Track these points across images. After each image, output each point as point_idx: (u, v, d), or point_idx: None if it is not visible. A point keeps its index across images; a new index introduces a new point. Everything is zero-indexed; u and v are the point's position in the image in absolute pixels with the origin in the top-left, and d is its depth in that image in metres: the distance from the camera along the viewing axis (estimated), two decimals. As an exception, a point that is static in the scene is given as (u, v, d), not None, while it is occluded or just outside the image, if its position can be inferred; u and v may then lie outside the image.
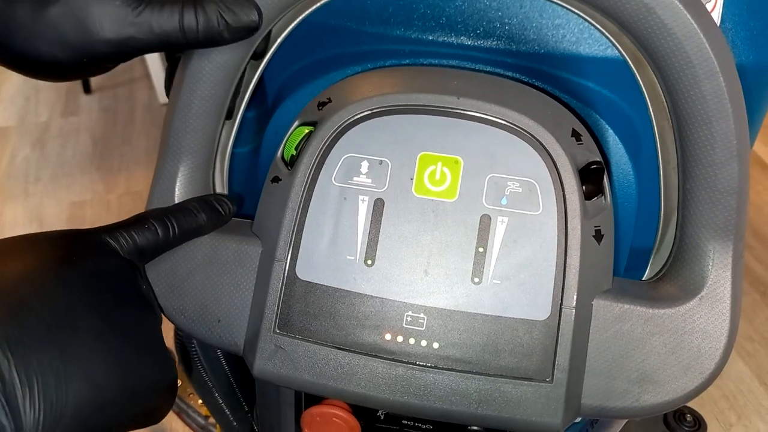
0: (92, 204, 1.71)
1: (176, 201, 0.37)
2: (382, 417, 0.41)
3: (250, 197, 0.43)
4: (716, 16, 0.38)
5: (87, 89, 2.10)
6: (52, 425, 0.25)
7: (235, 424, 0.67)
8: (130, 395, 0.29)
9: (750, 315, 1.44)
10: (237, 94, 0.39)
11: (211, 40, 0.33)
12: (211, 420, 0.84)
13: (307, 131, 0.36)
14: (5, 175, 1.82)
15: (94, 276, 0.30)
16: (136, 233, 0.34)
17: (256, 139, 0.49)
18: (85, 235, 0.33)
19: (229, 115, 0.39)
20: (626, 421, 0.71)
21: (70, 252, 0.31)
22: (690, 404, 0.93)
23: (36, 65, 0.31)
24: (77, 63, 0.31)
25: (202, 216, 0.37)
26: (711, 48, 0.30)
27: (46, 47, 0.30)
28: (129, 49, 0.31)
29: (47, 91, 2.15)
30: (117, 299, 0.31)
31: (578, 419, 0.61)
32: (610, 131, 0.43)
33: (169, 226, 0.35)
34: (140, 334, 0.31)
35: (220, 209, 0.38)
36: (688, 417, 0.90)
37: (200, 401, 0.82)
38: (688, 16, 0.30)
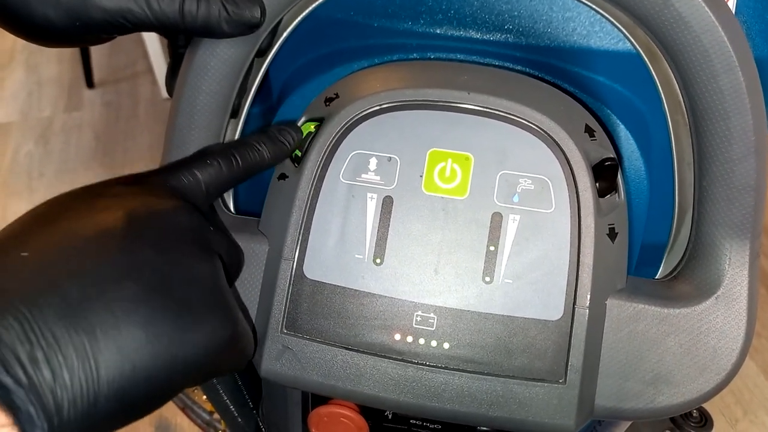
0: (96, 199, 1.71)
1: None
2: (390, 417, 0.41)
3: (255, 194, 0.43)
4: (731, 7, 0.37)
5: (90, 84, 2.10)
6: (87, 407, 0.24)
7: (240, 420, 0.67)
8: (176, 361, 0.27)
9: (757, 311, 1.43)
10: (242, 91, 0.38)
11: (209, 30, 0.32)
12: (216, 416, 0.83)
13: (312, 128, 0.36)
14: (9, 171, 1.82)
15: (138, 228, 0.28)
16: (199, 171, 0.32)
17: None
18: (137, 179, 0.31)
19: (235, 113, 0.38)
20: (634, 418, 0.71)
21: (110, 205, 0.28)
22: (697, 400, 0.92)
23: (29, 25, 0.31)
24: (70, 27, 0.31)
25: (264, 149, 0.35)
26: (729, 41, 0.30)
27: (41, 7, 0.30)
28: (124, 22, 0.31)
29: (50, 86, 2.15)
30: (165, 251, 0.28)
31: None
32: (622, 126, 0.42)
33: (232, 160, 0.33)
34: (191, 289, 0.28)
35: (283, 140, 0.36)
36: (694, 413, 0.90)
37: (205, 397, 0.81)
38: (706, 8, 0.29)
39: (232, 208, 0.41)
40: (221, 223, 0.36)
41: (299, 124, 0.37)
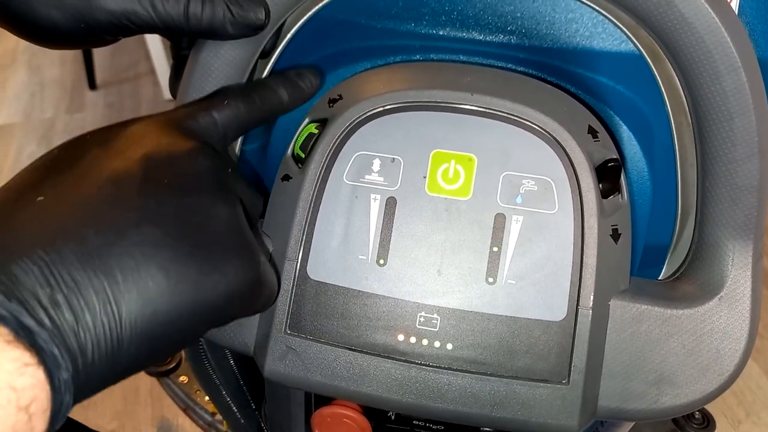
0: (98, 200, 1.71)
1: None
2: (393, 417, 0.41)
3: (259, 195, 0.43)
4: (734, 8, 0.37)
5: (92, 85, 2.10)
6: (110, 349, 0.24)
7: (242, 421, 0.67)
8: (199, 304, 0.26)
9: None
10: None
11: (214, 31, 0.32)
12: (218, 417, 0.83)
13: (313, 128, 0.36)
14: (11, 172, 1.83)
15: (156, 171, 0.27)
16: (216, 111, 0.32)
17: (264, 135, 0.49)
18: (152, 121, 0.30)
19: None
20: (637, 419, 0.71)
21: (126, 148, 0.28)
22: (699, 401, 0.92)
23: (33, 27, 0.31)
24: (74, 29, 0.31)
25: (282, 91, 0.34)
26: (732, 42, 0.30)
27: (45, 9, 0.30)
28: (128, 23, 0.31)
29: (52, 87, 2.15)
30: (184, 194, 0.27)
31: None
32: (624, 127, 0.42)
33: (251, 100, 0.33)
34: (212, 233, 0.27)
35: (302, 84, 0.36)
36: (697, 414, 0.90)
37: (207, 398, 0.82)
38: (709, 9, 0.29)
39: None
40: (238, 167, 0.35)
41: (303, 125, 0.37)
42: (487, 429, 0.39)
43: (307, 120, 0.37)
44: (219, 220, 0.28)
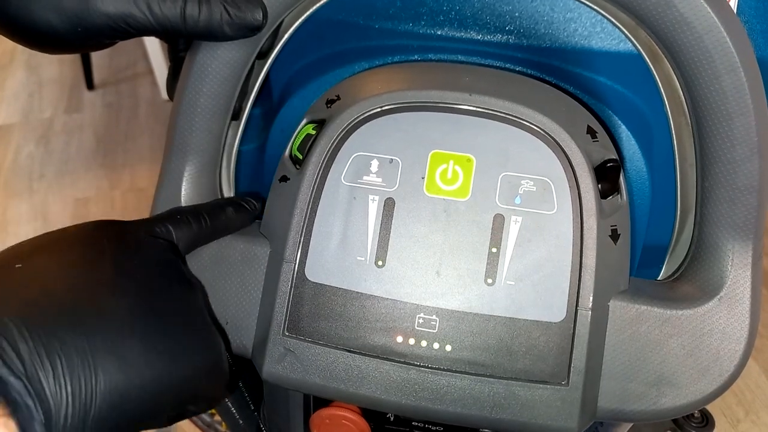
0: (96, 201, 1.71)
1: (183, 200, 0.37)
2: (392, 419, 0.41)
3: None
4: (733, 8, 0.37)
5: (90, 85, 2.10)
6: (82, 408, 0.25)
7: (241, 422, 0.67)
8: (168, 378, 0.28)
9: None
10: (244, 93, 0.38)
11: (212, 33, 0.32)
12: (217, 418, 0.83)
13: (311, 129, 0.36)
14: (9, 172, 1.82)
15: (126, 258, 0.29)
16: (172, 225, 0.34)
17: (261, 136, 0.48)
18: (118, 222, 0.32)
19: (236, 115, 0.38)
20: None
21: (98, 236, 0.30)
22: (698, 400, 0.92)
23: (31, 32, 0.31)
24: (72, 33, 0.31)
25: (230, 212, 0.37)
26: (732, 42, 0.30)
27: (42, 13, 0.30)
28: (127, 27, 0.31)
29: (50, 87, 2.15)
30: (152, 278, 0.30)
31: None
32: (623, 127, 0.42)
33: (202, 221, 0.35)
34: (178, 314, 0.30)
35: (247, 207, 0.38)
36: (696, 413, 0.90)
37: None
38: (709, 9, 0.29)
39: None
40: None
41: (301, 126, 0.37)
42: (487, 431, 0.39)
43: (305, 121, 0.37)
44: (185, 304, 0.30)
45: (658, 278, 0.38)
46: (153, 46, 1.91)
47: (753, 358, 1.34)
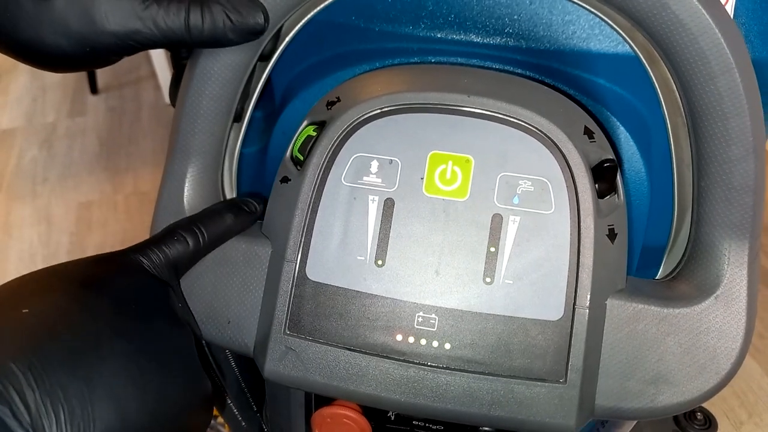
0: (99, 204, 1.72)
1: (185, 202, 0.37)
2: (393, 418, 0.41)
3: (258, 197, 0.43)
4: (729, 10, 0.37)
5: (93, 89, 2.11)
6: None
7: (243, 424, 0.67)
8: (161, 417, 0.29)
9: (760, 311, 1.42)
10: (246, 96, 0.39)
11: (216, 40, 0.33)
12: (220, 420, 0.84)
13: (312, 131, 0.36)
14: (13, 176, 1.83)
15: (121, 299, 0.30)
16: (167, 247, 0.34)
17: (263, 138, 0.49)
18: (113, 258, 0.33)
19: (238, 118, 0.39)
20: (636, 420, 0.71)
21: (96, 277, 0.31)
22: (700, 402, 0.92)
23: (41, 55, 0.31)
24: (81, 54, 0.31)
25: (229, 218, 0.37)
26: (726, 43, 0.30)
27: (51, 36, 0.30)
28: (134, 43, 0.31)
29: (54, 91, 2.16)
30: (146, 320, 0.30)
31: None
32: (622, 128, 0.42)
33: (198, 234, 0.35)
34: (170, 354, 0.31)
35: (247, 209, 0.38)
36: (699, 415, 0.90)
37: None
38: (703, 11, 0.30)
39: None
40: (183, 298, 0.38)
41: (302, 127, 0.38)
42: (487, 429, 0.39)
43: (305, 122, 0.38)
44: (177, 344, 0.31)
45: (656, 277, 0.38)
46: (155, 50, 1.92)
47: (756, 360, 1.33)
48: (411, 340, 0.34)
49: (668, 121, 0.36)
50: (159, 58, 1.95)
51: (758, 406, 1.26)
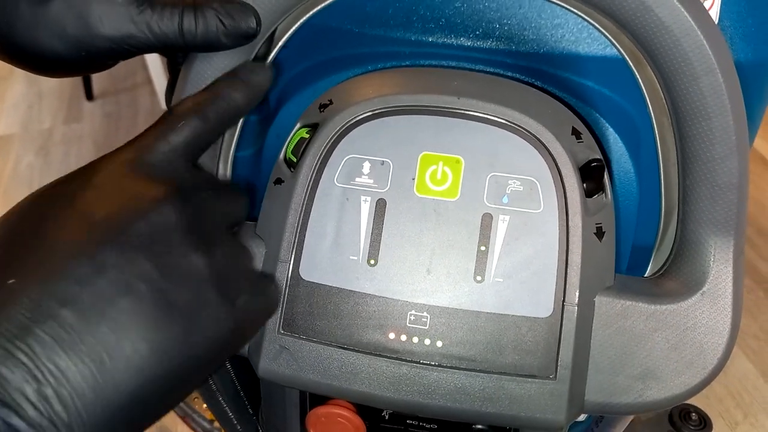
0: (96, 210, 1.72)
1: None
2: (387, 417, 0.41)
3: (253, 200, 0.44)
4: (714, 13, 0.38)
5: (89, 96, 2.11)
6: (105, 428, 0.24)
7: (239, 428, 0.67)
8: (185, 365, 0.27)
9: (755, 312, 1.43)
10: None
11: (210, 45, 0.33)
12: (216, 424, 0.84)
13: (304, 133, 0.37)
14: (9, 182, 1.83)
15: (131, 236, 0.27)
16: (175, 135, 0.30)
17: (258, 141, 0.49)
18: (118, 164, 0.29)
19: None
20: (631, 419, 0.71)
21: (98, 209, 0.27)
22: (695, 403, 0.93)
23: (36, 59, 0.32)
24: (77, 57, 0.32)
25: (236, 95, 0.33)
26: (709, 44, 0.31)
27: (47, 40, 0.31)
28: (128, 47, 0.32)
29: (50, 98, 2.16)
30: (159, 257, 0.27)
31: (583, 418, 0.61)
32: (611, 130, 0.43)
33: (206, 115, 0.32)
34: (188, 291, 0.27)
35: (256, 79, 0.34)
36: (694, 416, 0.90)
37: (205, 405, 0.82)
38: (686, 13, 0.30)
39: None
40: (210, 177, 0.33)
41: (295, 130, 0.38)
42: (480, 426, 0.40)
43: (298, 125, 0.38)
44: (195, 278, 0.28)
45: (645, 275, 0.39)
46: (152, 56, 1.93)
47: (751, 360, 1.34)
48: (403, 338, 0.34)
49: (654, 122, 0.37)
50: (155, 63, 1.96)
51: (753, 407, 1.27)
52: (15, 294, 0.24)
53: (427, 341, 0.34)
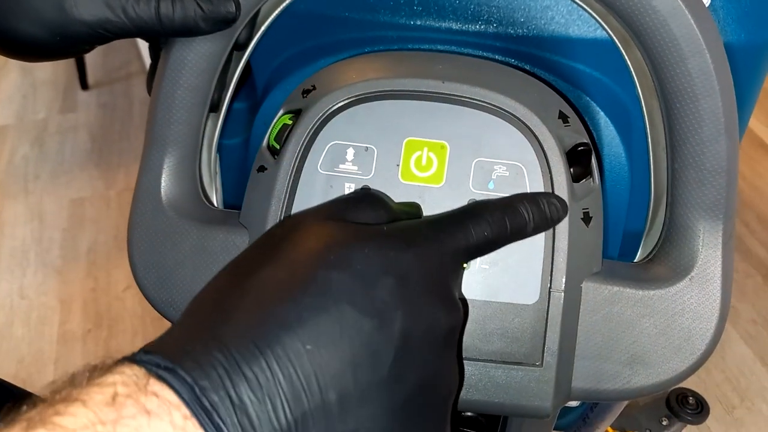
0: (92, 201, 1.71)
1: (163, 193, 0.37)
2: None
3: (242, 188, 0.43)
4: (706, -8, 0.37)
5: (84, 86, 2.10)
6: None
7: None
8: None
9: (753, 298, 1.43)
10: (222, 85, 0.38)
11: (188, 29, 0.33)
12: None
13: (287, 119, 0.36)
14: (4, 173, 1.83)
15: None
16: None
17: (246, 130, 0.49)
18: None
19: (215, 108, 0.39)
20: (626, 404, 0.71)
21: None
22: (692, 387, 0.93)
23: (16, 44, 0.32)
24: (53, 42, 0.32)
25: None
26: (697, 25, 0.30)
27: (24, 25, 0.31)
28: (104, 32, 0.32)
29: (44, 88, 2.15)
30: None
31: (577, 403, 0.60)
32: (601, 113, 0.42)
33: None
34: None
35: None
36: (691, 400, 0.90)
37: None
38: None
39: (215, 202, 0.41)
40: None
41: (278, 116, 0.38)
42: (468, 413, 0.39)
43: (281, 111, 0.38)
44: (439, 339, 0.26)
45: (634, 260, 0.39)
46: (146, 45, 1.92)
47: (748, 345, 1.34)
48: (389, 326, 0.34)
49: (644, 105, 0.36)
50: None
51: (750, 392, 1.27)
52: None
53: None
